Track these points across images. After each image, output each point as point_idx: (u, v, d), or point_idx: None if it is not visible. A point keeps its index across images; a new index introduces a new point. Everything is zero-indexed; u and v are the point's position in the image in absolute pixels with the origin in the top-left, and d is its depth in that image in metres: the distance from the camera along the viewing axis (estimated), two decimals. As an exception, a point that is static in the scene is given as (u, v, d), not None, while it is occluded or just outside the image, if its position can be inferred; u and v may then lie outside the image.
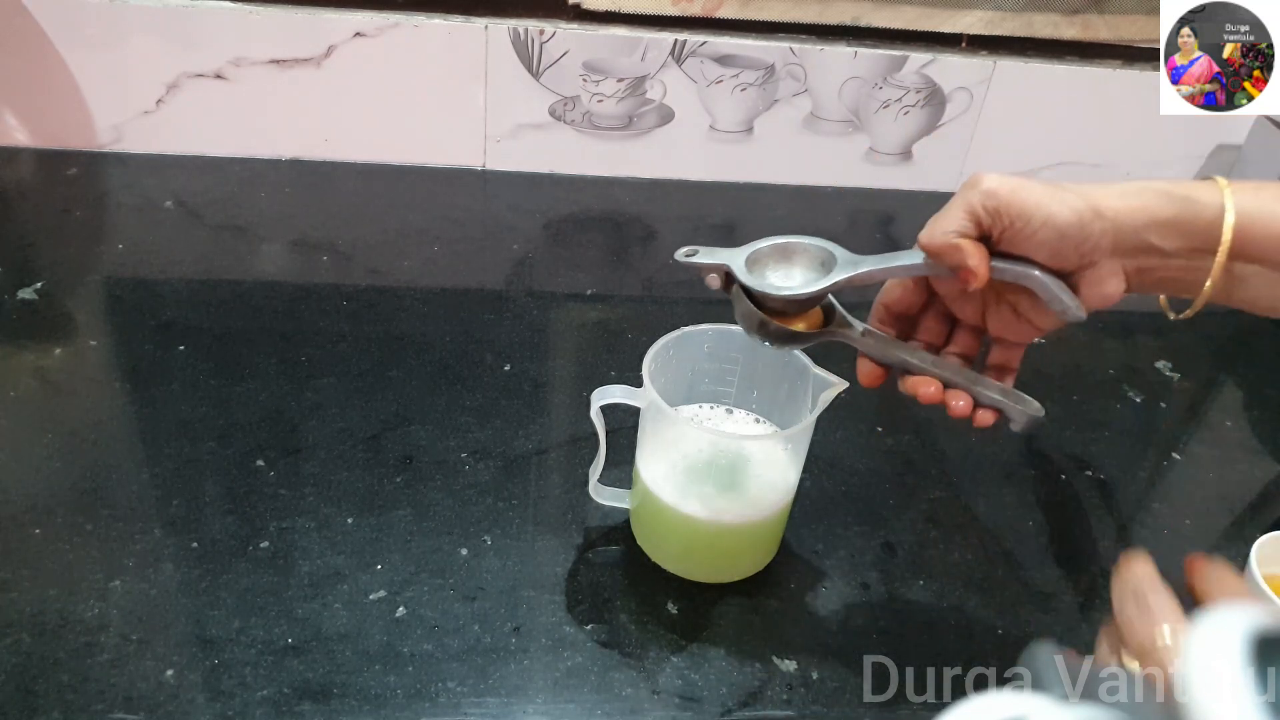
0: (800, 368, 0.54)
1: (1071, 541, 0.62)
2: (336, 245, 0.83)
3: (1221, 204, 0.43)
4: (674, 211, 0.96)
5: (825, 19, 0.93)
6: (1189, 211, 0.43)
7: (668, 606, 0.54)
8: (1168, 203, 0.44)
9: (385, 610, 0.52)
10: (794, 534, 0.59)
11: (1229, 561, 0.62)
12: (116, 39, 0.86)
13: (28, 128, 0.90)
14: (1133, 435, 0.73)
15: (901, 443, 0.69)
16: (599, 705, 0.49)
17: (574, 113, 0.95)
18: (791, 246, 0.49)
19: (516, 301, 0.79)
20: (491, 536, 0.57)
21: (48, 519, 0.55)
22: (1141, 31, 0.96)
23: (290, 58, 0.88)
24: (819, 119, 0.98)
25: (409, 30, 0.88)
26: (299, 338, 0.72)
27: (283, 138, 0.93)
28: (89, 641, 0.49)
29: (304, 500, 0.58)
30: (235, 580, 0.53)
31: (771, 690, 0.51)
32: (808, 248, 0.49)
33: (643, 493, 0.55)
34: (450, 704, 0.48)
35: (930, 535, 0.61)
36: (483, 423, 0.66)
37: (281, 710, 0.47)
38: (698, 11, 0.91)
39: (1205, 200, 0.43)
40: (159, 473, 0.59)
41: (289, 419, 0.64)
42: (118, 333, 0.71)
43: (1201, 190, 0.44)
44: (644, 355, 0.53)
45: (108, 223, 0.84)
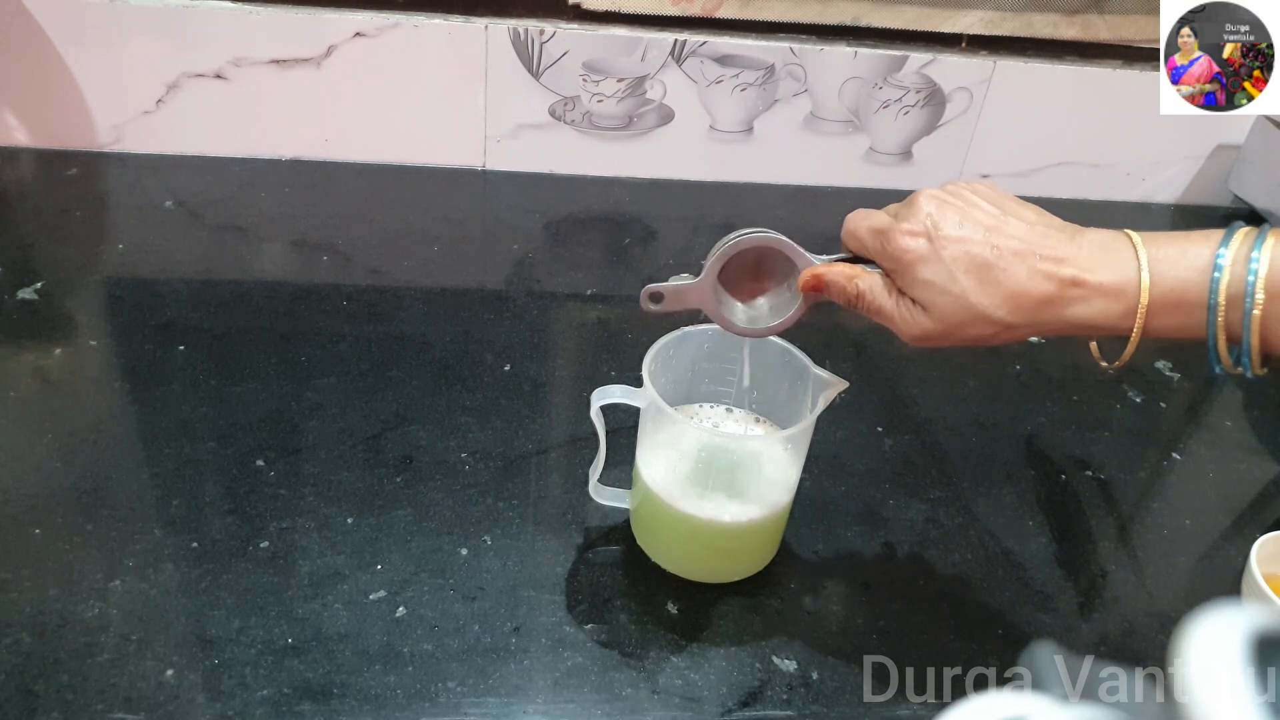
0: (800, 368, 0.54)
1: (1071, 541, 0.62)
2: (336, 245, 0.83)
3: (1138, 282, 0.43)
4: (674, 211, 0.96)
5: (825, 19, 0.93)
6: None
7: (668, 606, 0.54)
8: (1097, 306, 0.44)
9: (385, 610, 0.52)
10: (794, 534, 0.59)
11: (1229, 561, 0.63)
12: (116, 39, 0.86)
13: (28, 128, 0.91)
14: (1133, 435, 0.73)
15: (901, 443, 0.69)
16: (599, 705, 0.49)
17: (574, 113, 0.95)
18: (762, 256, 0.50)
19: (516, 301, 0.79)
20: (491, 536, 0.57)
21: (48, 519, 0.55)
22: (1141, 31, 0.96)
23: (290, 58, 0.88)
24: (819, 119, 0.98)
25: (409, 30, 0.88)
26: (299, 338, 0.72)
27: (283, 138, 0.93)
28: (89, 641, 0.49)
29: (304, 500, 0.58)
30: (235, 580, 0.53)
31: (771, 690, 0.51)
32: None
33: (643, 493, 0.55)
34: (450, 704, 0.48)
35: (930, 535, 0.61)
36: (483, 423, 0.66)
37: (281, 710, 0.47)
38: (698, 11, 0.91)
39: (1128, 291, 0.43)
40: (159, 473, 0.59)
41: (289, 419, 0.64)
42: (118, 333, 0.71)
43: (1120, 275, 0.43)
44: (644, 355, 0.53)
45: (108, 223, 0.84)
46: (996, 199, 0.46)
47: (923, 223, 0.45)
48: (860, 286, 0.48)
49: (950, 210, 0.45)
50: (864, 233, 0.47)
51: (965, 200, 0.45)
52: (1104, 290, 0.43)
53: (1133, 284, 0.43)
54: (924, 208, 0.45)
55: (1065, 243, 0.44)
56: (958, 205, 0.45)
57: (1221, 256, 0.41)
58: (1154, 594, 0.59)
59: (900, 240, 0.45)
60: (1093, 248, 0.44)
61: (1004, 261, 0.44)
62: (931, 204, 0.45)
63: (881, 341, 0.79)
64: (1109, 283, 0.43)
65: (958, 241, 0.44)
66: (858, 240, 0.48)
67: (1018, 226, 0.45)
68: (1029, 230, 0.44)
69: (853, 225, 0.49)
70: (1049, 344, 0.81)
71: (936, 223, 0.45)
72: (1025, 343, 0.81)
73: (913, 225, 0.45)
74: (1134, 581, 0.60)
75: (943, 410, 0.72)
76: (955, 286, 0.44)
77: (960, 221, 0.45)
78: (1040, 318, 0.44)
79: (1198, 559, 0.62)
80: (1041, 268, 0.43)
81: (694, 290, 0.50)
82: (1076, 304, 0.43)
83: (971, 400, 0.74)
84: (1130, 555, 0.62)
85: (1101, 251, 0.44)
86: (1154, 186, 1.06)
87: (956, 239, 0.44)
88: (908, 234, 0.45)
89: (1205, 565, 0.62)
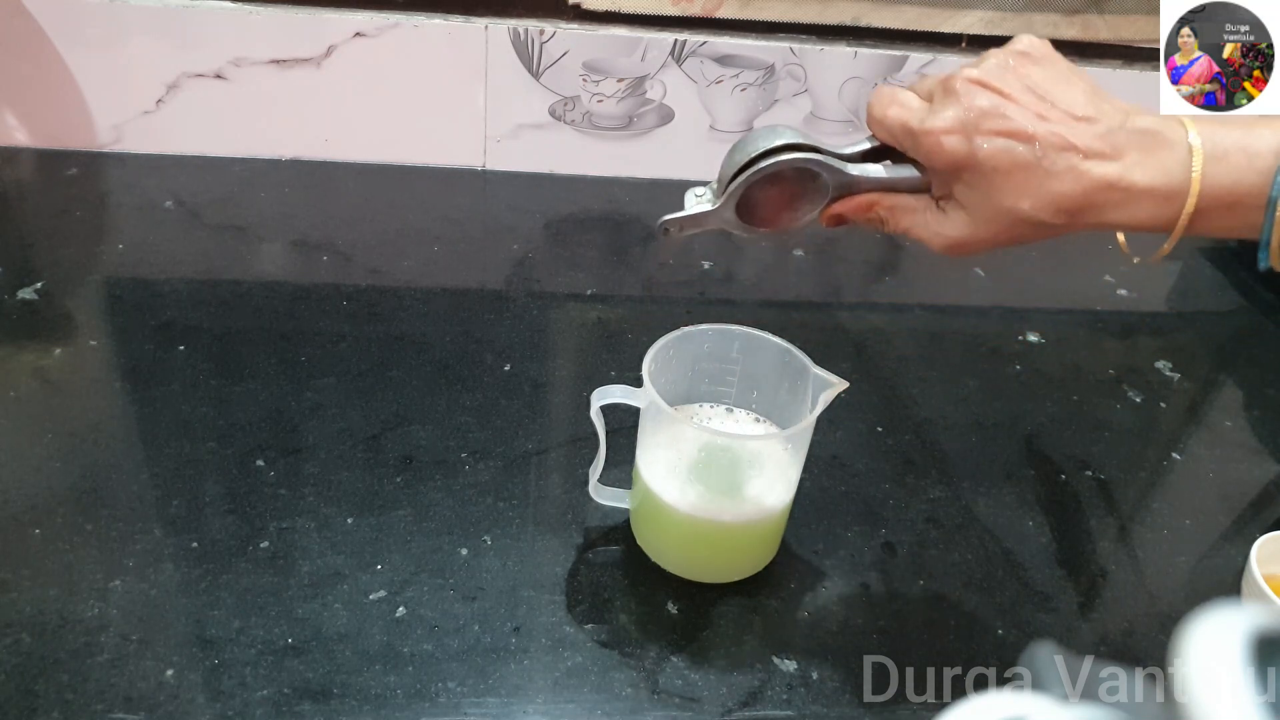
0: (800, 368, 0.54)
1: (1071, 541, 0.62)
2: (336, 245, 0.83)
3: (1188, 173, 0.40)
4: (674, 212, 0.95)
5: (825, 19, 0.93)
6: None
7: (668, 606, 0.54)
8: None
9: (385, 610, 0.52)
10: (794, 534, 0.59)
11: (1229, 561, 0.63)
12: (116, 39, 0.86)
13: (28, 128, 0.90)
14: (1133, 435, 0.73)
15: (901, 443, 0.69)
16: (599, 705, 0.49)
17: (574, 113, 0.95)
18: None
19: (516, 301, 0.79)
20: (491, 536, 0.57)
21: (48, 519, 0.55)
22: (1141, 31, 0.96)
23: (290, 58, 0.88)
24: (819, 119, 0.98)
25: (409, 30, 0.88)
26: (299, 338, 0.72)
27: (283, 138, 0.93)
28: (89, 641, 0.49)
29: (304, 500, 0.58)
30: (235, 580, 0.53)
31: (771, 690, 0.51)
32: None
33: (643, 493, 0.55)
34: (450, 704, 0.48)
35: (930, 535, 0.61)
36: (483, 423, 0.66)
37: (281, 710, 0.47)
38: (698, 11, 0.91)
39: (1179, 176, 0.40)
40: (159, 473, 0.59)
41: (289, 419, 0.64)
42: (118, 333, 0.71)
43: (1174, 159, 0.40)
44: (644, 355, 0.53)
45: (108, 223, 0.84)
46: (1043, 77, 0.42)
47: (959, 118, 0.41)
48: (881, 214, 0.45)
49: (991, 96, 0.41)
50: (893, 123, 0.44)
51: (1008, 82, 0.41)
52: (1151, 194, 0.40)
53: (1182, 188, 0.39)
54: (963, 95, 0.41)
55: (1114, 133, 0.40)
56: (1000, 88, 0.41)
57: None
58: (1154, 594, 0.59)
59: (936, 139, 0.41)
60: (1143, 140, 0.40)
61: (1047, 160, 0.40)
62: (968, 93, 0.41)
63: (881, 341, 0.79)
64: (1157, 185, 0.40)
65: (997, 134, 0.41)
66: (885, 129, 0.44)
67: (1062, 115, 0.41)
68: (1075, 121, 0.41)
69: (879, 111, 0.44)
70: (1049, 344, 0.81)
71: (974, 120, 0.41)
72: (1025, 342, 0.81)
73: (947, 122, 0.41)
74: (1134, 581, 0.60)
75: (943, 410, 0.72)
76: (994, 190, 0.41)
77: (1002, 110, 0.41)
78: (1081, 219, 0.41)
79: (1198, 559, 0.62)
80: (1086, 166, 0.40)
81: (715, 216, 0.48)
82: (1120, 208, 0.41)
83: (971, 400, 0.74)
84: (1130, 555, 0.62)
85: (1153, 145, 0.40)
86: (1154, 186, 1.06)
87: (996, 130, 0.40)
88: (944, 132, 0.41)
89: (1205, 565, 0.62)
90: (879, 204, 0.46)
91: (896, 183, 0.46)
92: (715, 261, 0.86)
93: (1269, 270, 0.41)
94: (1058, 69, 0.43)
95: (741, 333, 0.56)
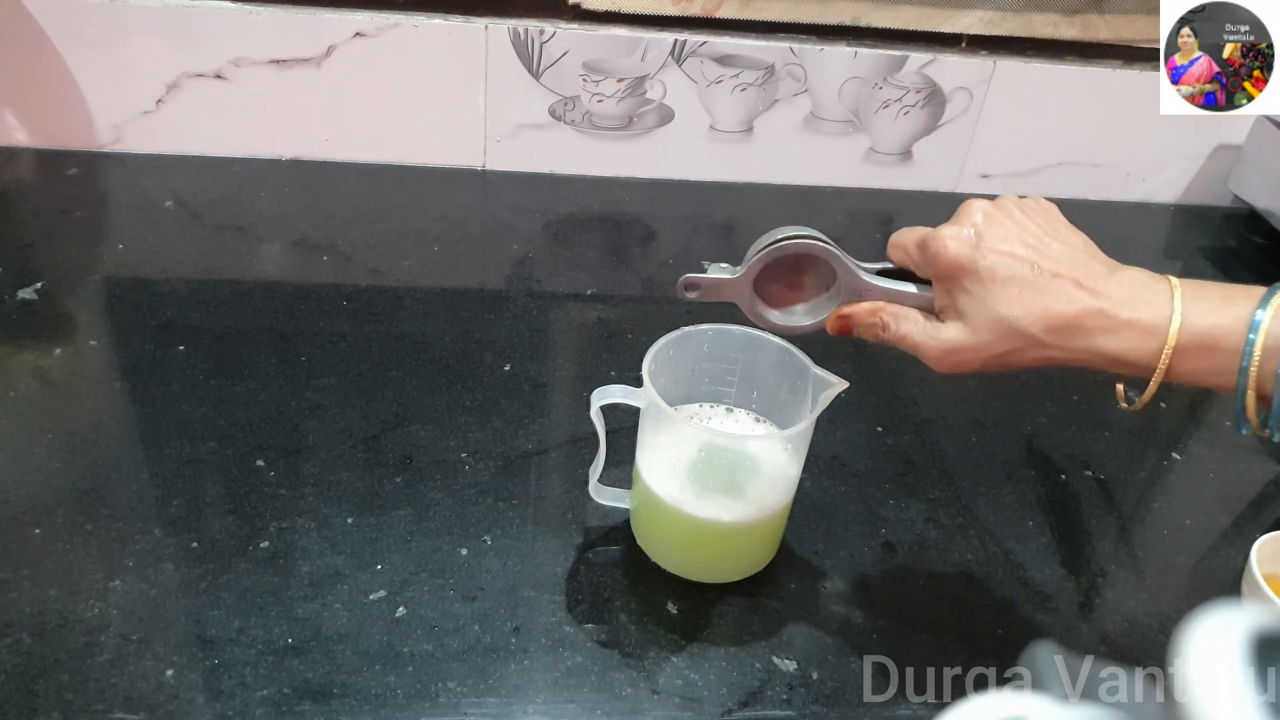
0: (800, 368, 0.54)
1: (1071, 541, 0.62)
2: (336, 245, 0.84)
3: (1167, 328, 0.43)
4: (674, 211, 0.96)
5: (825, 19, 0.93)
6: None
7: (668, 606, 0.54)
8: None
9: (385, 610, 0.52)
10: (794, 534, 0.59)
11: (1229, 561, 0.63)
12: (116, 39, 0.86)
13: (28, 128, 0.90)
14: (1133, 435, 0.73)
15: (901, 443, 0.69)
16: (599, 705, 0.49)
17: (574, 113, 0.95)
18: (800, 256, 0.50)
19: (516, 301, 0.79)
20: (491, 536, 0.57)
21: (48, 519, 0.55)
22: (1141, 31, 0.96)
23: (290, 58, 0.88)
24: (819, 119, 0.98)
25: (409, 30, 0.88)
26: (299, 338, 0.72)
27: (283, 138, 0.93)
28: (89, 641, 0.49)
29: (304, 500, 0.58)
30: (235, 580, 0.53)
31: (771, 690, 0.51)
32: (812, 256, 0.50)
33: (643, 493, 0.55)
34: (450, 704, 0.48)
35: (930, 535, 0.61)
36: (483, 423, 0.66)
37: (281, 710, 0.47)
38: (698, 11, 0.91)
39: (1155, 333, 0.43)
40: (159, 473, 0.59)
41: (289, 419, 0.64)
42: (118, 333, 0.71)
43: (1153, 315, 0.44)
44: (644, 355, 0.53)
45: (108, 223, 0.84)
46: (1045, 221, 0.46)
47: (969, 228, 0.46)
48: (884, 318, 0.49)
49: (997, 223, 0.46)
50: (908, 242, 0.48)
51: (1014, 217, 0.46)
52: (1136, 326, 0.43)
53: (1165, 323, 0.43)
54: (973, 215, 0.46)
55: (1105, 276, 0.44)
56: (1005, 220, 0.46)
57: (1260, 315, 0.41)
58: (1154, 594, 0.59)
59: (943, 241, 0.45)
60: (1131, 284, 0.44)
61: (1042, 280, 0.44)
62: (980, 213, 0.46)
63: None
64: (1141, 319, 0.43)
65: (1000, 253, 0.45)
66: (901, 250, 0.49)
67: (1061, 250, 0.45)
68: (1072, 256, 0.45)
69: (898, 237, 0.49)
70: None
71: (982, 232, 0.45)
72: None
73: (958, 230, 0.46)
74: (1134, 581, 0.60)
75: (943, 410, 0.72)
76: (990, 297, 0.45)
77: (1005, 235, 0.45)
78: (1072, 342, 0.44)
79: (1198, 559, 0.62)
80: (1077, 293, 0.44)
81: (731, 286, 0.51)
82: (1107, 335, 0.44)
83: (971, 400, 0.74)
84: (1130, 555, 0.62)
85: (1139, 289, 0.44)
86: (1154, 186, 1.06)
87: (999, 249, 0.45)
88: (952, 237, 0.45)
89: (1205, 565, 0.62)
90: (883, 310, 0.49)
91: (904, 296, 0.49)
92: (715, 262, 0.86)
93: (1249, 434, 0.44)
94: (1060, 219, 0.48)
95: (741, 333, 0.56)
